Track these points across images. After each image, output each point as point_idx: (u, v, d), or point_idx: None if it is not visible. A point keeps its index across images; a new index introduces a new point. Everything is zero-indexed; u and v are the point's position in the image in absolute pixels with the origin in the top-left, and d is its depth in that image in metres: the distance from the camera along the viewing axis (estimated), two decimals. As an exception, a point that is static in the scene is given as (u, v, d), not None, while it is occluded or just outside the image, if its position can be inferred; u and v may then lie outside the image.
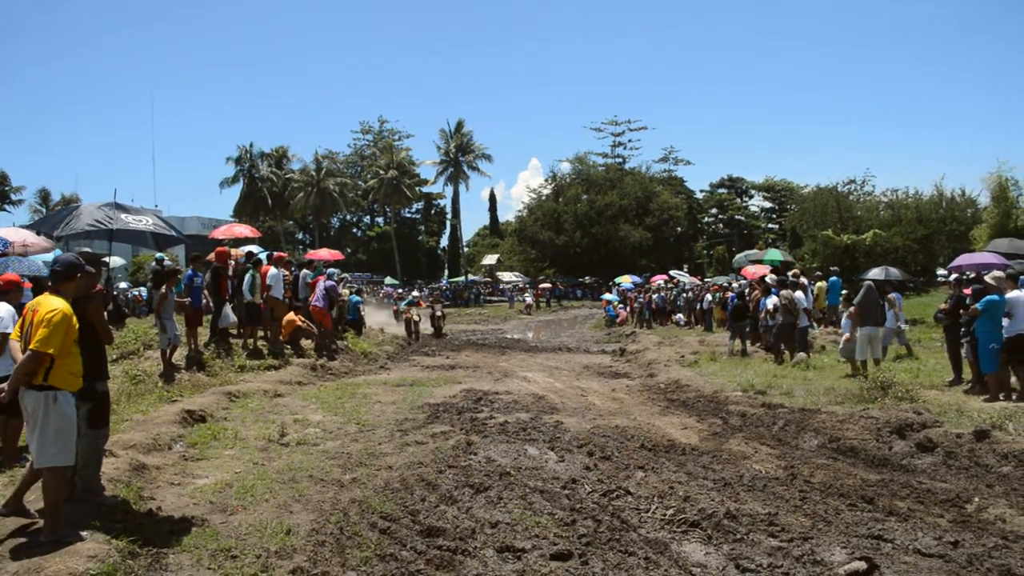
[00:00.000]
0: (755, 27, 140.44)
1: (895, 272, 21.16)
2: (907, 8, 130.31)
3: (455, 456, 8.17)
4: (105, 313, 7.58)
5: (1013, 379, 12.01)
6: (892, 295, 16.26)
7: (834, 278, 23.56)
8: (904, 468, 8.42)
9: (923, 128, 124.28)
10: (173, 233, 11.19)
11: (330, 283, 18.77)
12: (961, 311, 13.14)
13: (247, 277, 15.54)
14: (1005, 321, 11.08)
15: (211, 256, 15.59)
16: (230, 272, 15.77)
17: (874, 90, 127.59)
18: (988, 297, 11.41)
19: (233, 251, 17.09)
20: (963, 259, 18.40)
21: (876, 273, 20.49)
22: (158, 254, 23.24)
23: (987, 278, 11.96)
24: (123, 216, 10.19)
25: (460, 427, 9.89)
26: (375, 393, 13.01)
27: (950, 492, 7.20)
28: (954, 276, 15.89)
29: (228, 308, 15.36)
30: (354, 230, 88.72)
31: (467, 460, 8.01)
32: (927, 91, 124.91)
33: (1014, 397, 11.03)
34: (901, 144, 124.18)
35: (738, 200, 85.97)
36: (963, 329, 12.77)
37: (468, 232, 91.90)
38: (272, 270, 16.31)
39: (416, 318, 27.38)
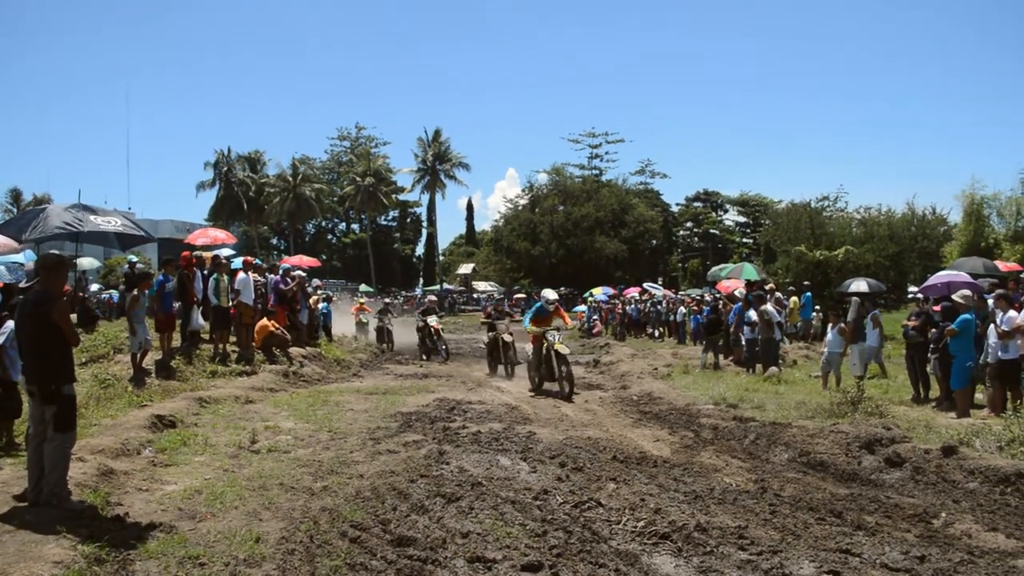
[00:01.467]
0: (732, 42, 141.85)
1: (875, 284, 21.37)
2: (882, 27, 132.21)
3: (427, 465, 8.14)
4: (74, 315, 7.52)
5: (979, 395, 12.22)
6: (875, 312, 16.50)
7: (807, 293, 23.82)
8: (873, 483, 8.52)
9: (897, 146, 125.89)
10: (141, 233, 11.09)
11: (275, 278, 18.66)
12: (931, 328, 13.35)
13: (211, 281, 15.43)
14: (992, 340, 11.23)
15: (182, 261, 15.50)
16: (199, 276, 15.64)
17: (850, 107, 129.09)
18: (964, 316, 11.60)
19: (204, 255, 16.95)
20: (936, 279, 18.56)
21: (858, 285, 20.74)
22: (131, 257, 23.01)
23: (956, 297, 12.14)
24: (91, 218, 10.09)
25: (432, 436, 9.85)
26: (347, 401, 12.94)
27: (917, 507, 7.29)
28: (921, 294, 16.16)
29: (197, 313, 15.24)
30: (329, 236, 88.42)
31: (439, 470, 7.98)
32: (902, 109, 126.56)
33: (984, 413, 11.21)
34: (875, 162, 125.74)
35: (713, 214, 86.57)
36: (932, 346, 12.96)
37: (444, 241, 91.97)
38: (241, 275, 16.19)
39: (510, 337, 18.33)
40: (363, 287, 62.64)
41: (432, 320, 23.38)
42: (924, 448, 9.12)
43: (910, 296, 28.17)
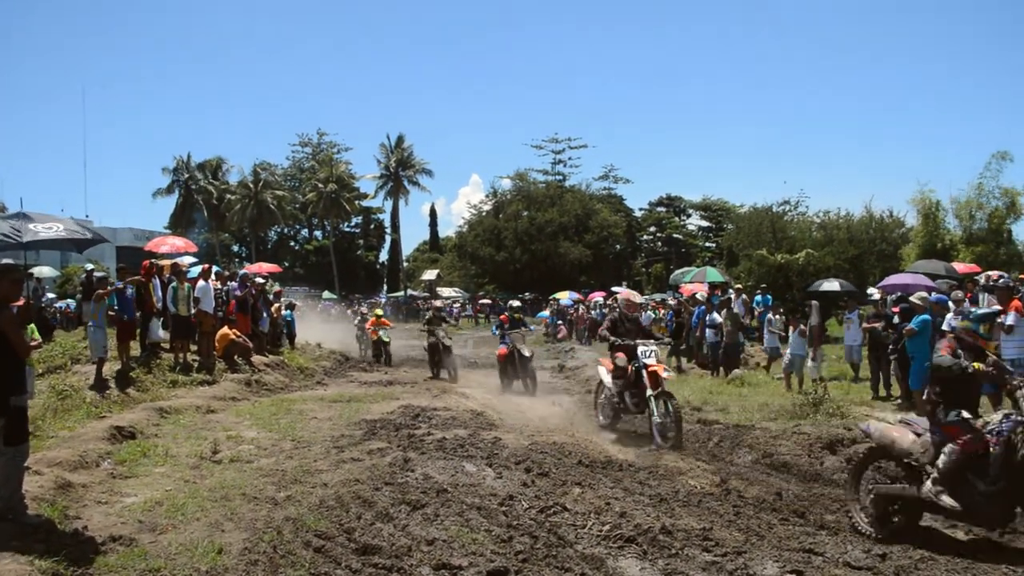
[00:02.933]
0: (694, 47, 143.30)
1: (848, 284, 21.62)
2: (832, 32, 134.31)
3: (392, 473, 8.09)
4: (32, 326, 7.36)
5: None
6: (859, 309, 16.80)
7: (767, 296, 24.12)
8: (835, 483, 8.66)
9: (855, 149, 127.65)
10: (88, 235, 10.81)
11: (232, 284, 18.46)
12: (889, 329, 13.60)
13: (170, 289, 15.26)
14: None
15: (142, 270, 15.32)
16: (158, 285, 15.46)
17: (809, 109, 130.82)
18: (922, 317, 11.83)
19: (163, 263, 16.77)
20: (891, 279, 18.98)
21: (830, 285, 21.11)
22: (88, 265, 22.66)
23: (913, 298, 12.40)
24: (31, 226, 9.75)
25: (397, 444, 9.79)
26: (311, 409, 12.84)
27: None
28: (878, 295, 16.50)
29: (157, 322, 15.05)
30: (292, 243, 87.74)
31: (404, 477, 7.94)
32: (859, 111, 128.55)
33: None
34: (834, 165, 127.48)
35: (676, 219, 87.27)
36: (891, 347, 13.20)
37: (408, 247, 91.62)
38: (201, 282, 16.03)
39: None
40: (326, 294, 62.27)
41: (650, 357, 11.18)
42: (885, 448, 9.27)
43: (869, 298, 28.64)
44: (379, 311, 26.17)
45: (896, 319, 13.50)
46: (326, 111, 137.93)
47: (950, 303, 12.67)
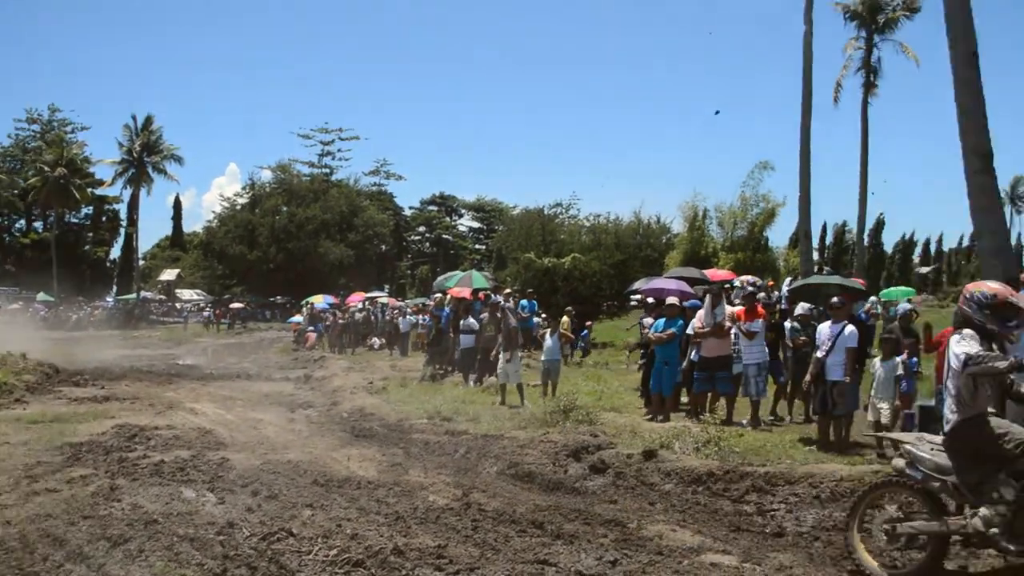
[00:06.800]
0: (473, 46, 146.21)
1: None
2: (608, 38, 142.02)
3: (94, 504, 7.62)
4: None
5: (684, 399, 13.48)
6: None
7: (533, 301, 25.05)
8: (576, 491, 9.11)
9: (627, 154, 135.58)
10: None
11: None
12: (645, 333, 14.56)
13: None
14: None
15: None
16: None
17: (589, 113, 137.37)
18: (679, 321, 12.80)
19: None
20: (651, 284, 20.22)
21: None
22: None
23: (671, 300, 13.40)
24: None
25: (105, 470, 9.22)
26: (2, 432, 11.76)
27: (616, 512, 7.91)
28: (639, 296, 17.65)
29: None
30: (4, 236, 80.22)
31: (108, 508, 7.49)
32: (634, 118, 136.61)
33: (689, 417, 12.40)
34: (608, 169, 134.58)
35: (448, 219, 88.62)
36: (642, 351, 14.16)
37: (147, 243, 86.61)
38: None
39: None
40: (41, 295, 57.66)
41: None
42: (627, 453, 9.89)
43: (633, 303, 30.39)
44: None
45: (649, 323, 14.44)
46: (62, 86, 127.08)
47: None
